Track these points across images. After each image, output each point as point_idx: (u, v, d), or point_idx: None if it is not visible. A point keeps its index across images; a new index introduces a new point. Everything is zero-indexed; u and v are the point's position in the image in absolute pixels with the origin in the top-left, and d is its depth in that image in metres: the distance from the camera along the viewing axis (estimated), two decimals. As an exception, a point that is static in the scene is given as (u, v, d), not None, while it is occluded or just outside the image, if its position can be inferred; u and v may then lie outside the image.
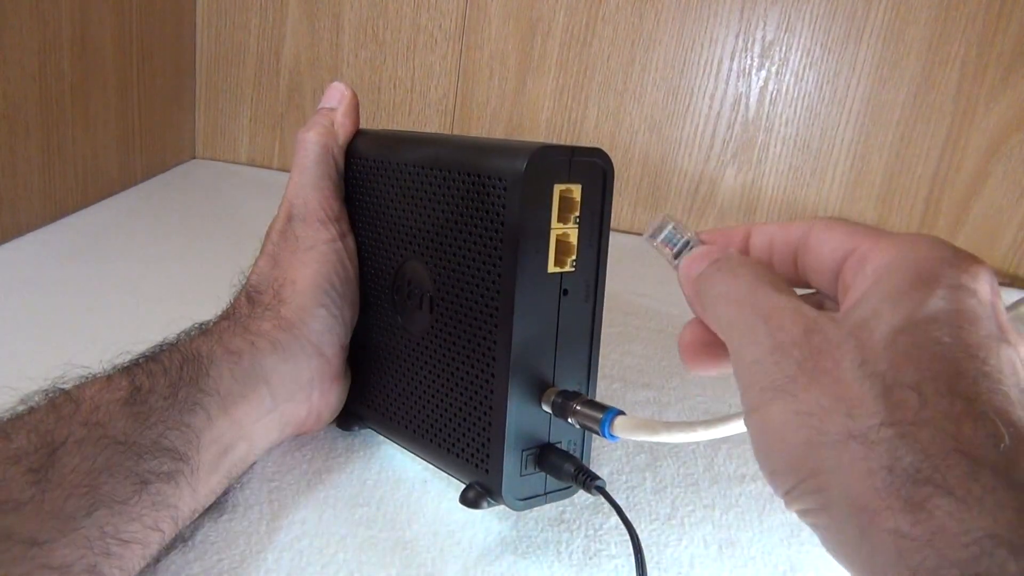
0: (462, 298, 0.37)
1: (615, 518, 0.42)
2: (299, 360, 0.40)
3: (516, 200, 0.33)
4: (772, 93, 0.89)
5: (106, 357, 0.37)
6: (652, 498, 0.44)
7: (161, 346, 0.38)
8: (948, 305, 0.23)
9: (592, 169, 0.35)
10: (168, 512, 0.33)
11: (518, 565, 0.38)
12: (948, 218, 0.91)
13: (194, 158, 0.98)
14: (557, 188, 0.34)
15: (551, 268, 0.35)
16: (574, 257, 0.35)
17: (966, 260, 0.24)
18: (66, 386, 0.34)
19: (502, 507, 0.38)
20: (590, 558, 0.39)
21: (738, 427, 0.34)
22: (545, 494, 0.38)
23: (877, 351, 0.23)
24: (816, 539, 0.44)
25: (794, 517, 0.45)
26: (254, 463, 0.41)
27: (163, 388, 0.34)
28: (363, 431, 0.46)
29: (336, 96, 0.45)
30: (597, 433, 0.35)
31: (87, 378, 0.35)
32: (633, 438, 0.34)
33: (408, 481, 0.43)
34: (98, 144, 0.77)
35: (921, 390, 0.22)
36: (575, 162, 0.35)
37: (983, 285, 0.24)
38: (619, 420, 0.34)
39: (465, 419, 0.38)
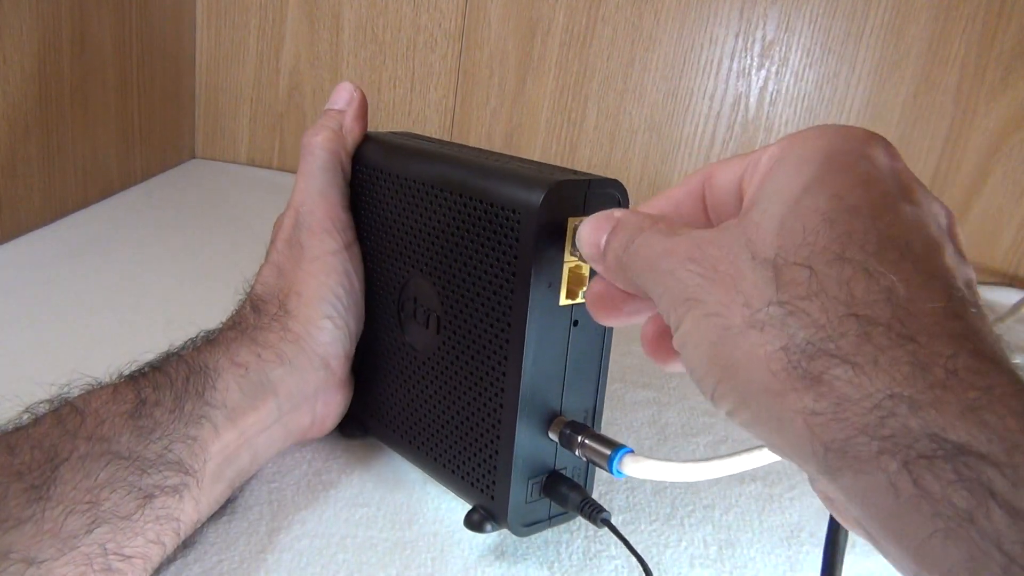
0: (471, 324, 0.37)
1: (615, 519, 0.42)
2: (305, 372, 0.40)
3: (530, 234, 0.33)
4: (772, 93, 0.89)
5: (107, 357, 0.36)
6: (652, 498, 0.44)
7: (167, 356, 0.37)
8: (834, 176, 0.23)
9: (607, 200, 0.35)
10: (171, 525, 0.33)
11: (518, 566, 0.38)
12: (948, 218, 0.91)
13: (194, 158, 0.98)
14: (572, 221, 0.34)
15: (563, 301, 0.35)
16: (586, 288, 0.35)
17: (853, 134, 0.24)
18: (73, 394, 0.34)
19: (502, 508, 0.38)
20: (590, 559, 0.39)
21: (748, 462, 0.34)
22: (549, 519, 0.39)
23: (767, 240, 0.22)
24: (815, 539, 0.44)
25: (794, 517, 0.45)
26: (256, 472, 0.41)
27: (169, 401, 0.34)
28: (363, 431, 0.46)
29: (344, 97, 0.44)
30: (604, 469, 0.35)
31: (93, 387, 0.34)
32: (641, 477, 0.34)
33: (408, 482, 0.43)
34: (98, 144, 0.77)
35: (811, 264, 0.21)
36: (590, 194, 0.34)
37: (874, 151, 0.23)
38: (627, 459, 0.34)
39: (471, 443, 0.38)
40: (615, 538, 0.38)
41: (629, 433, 0.51)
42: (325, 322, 0.41)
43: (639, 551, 0.38)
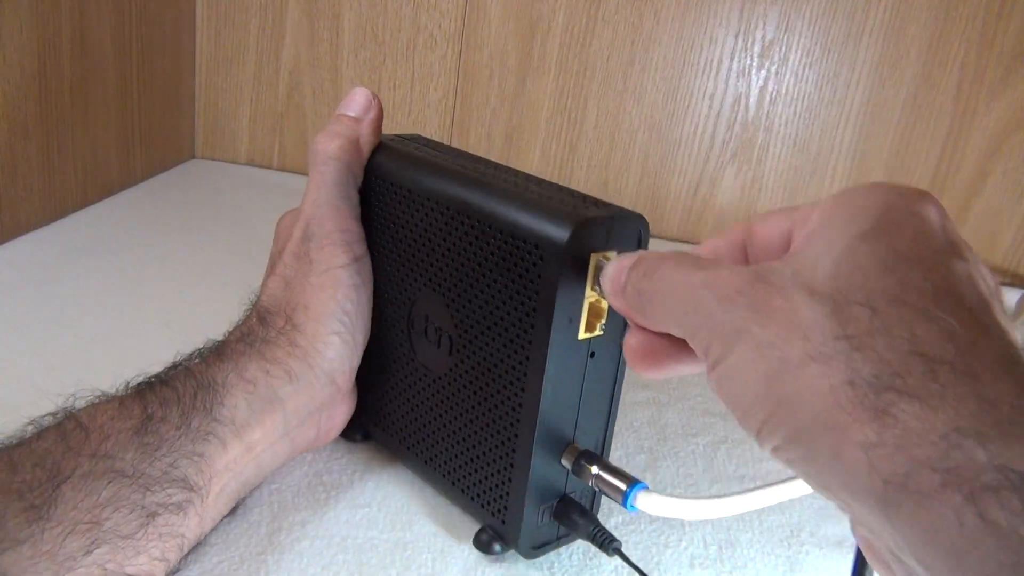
0: (488, 350, 0.37)
1: (615, 518, 0.42)
2: (312, 388, 0.39)
3: (554, 272, 0.33)
4: (772, 93, 0.89)
5: (107, 357, 0.36)
6: (652, 499, 0.44)
7: (175, 368, 0.37)
8: (889, 228, 0.23)
9: (629, 234, 0.35)
10: (175, 541, 0.33)
11: (518, 566, 0.38)
12: (948, 218, 0.91)
13: (194, 158, 0.98)
14: (595, 257, 0.33)
15: (582, 335, 0.35)
16: (604, 321, 0.35)
17: (907, 191, 0.24)
18: (79, 405, 0.33)
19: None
20: (590, 559, 0.39)
21: (763, 499, 0.34)
22: (556, 539, 0.39)
23: (824, 280, 0.23)
24: (815, 539, 0.44)
25: (794, 517, 0.45)
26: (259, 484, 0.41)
27: (176, 417, 0.34)
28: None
29: (362, 104, 0.42)
30: (617, 502, 0.35)
31: (99, 400, 0.34)
32: (655, 513, 0.34)
33: (408, 483, 0.43)
34: (98, 144, 0.77)
35: (871, 304, 0.22)
36: (614, 229, 0.34)
37: (927, 209, 0.24)
38: (642, 495, 0.35)
39: (483, 466, 0.38)
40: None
41: (629, 433, 0.51)
42: (332, 338, 0.40)
43: (639, 550, 0.38)
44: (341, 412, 0.43)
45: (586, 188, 0.95)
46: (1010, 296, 0.87)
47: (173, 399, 0.34)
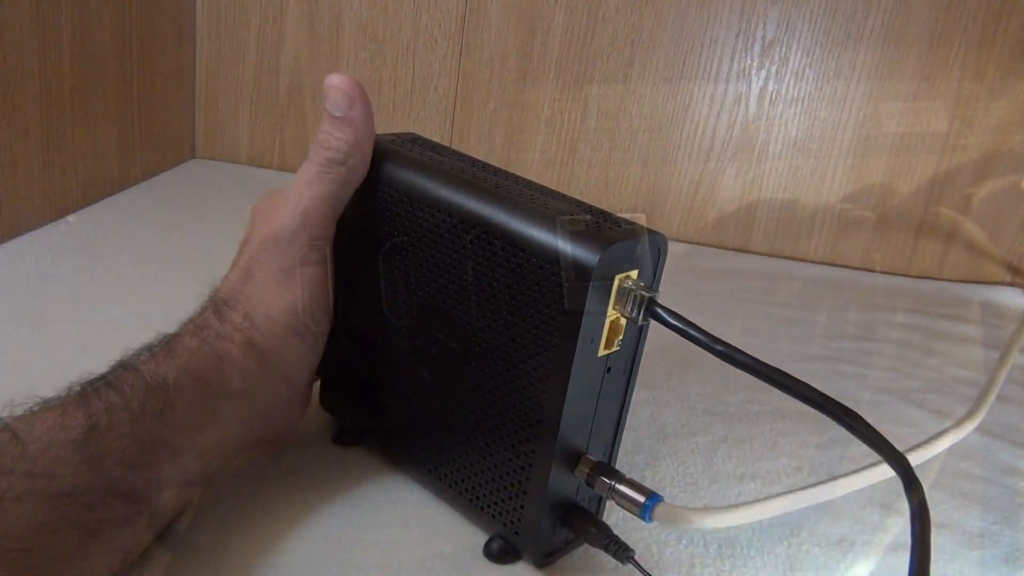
0: (506, 367, 0.36)
1: (616, 516, 0.42)
2: (267, 391, 0.38)
3: (580, 294, 0.33)
4: (772, 93, 0.89)
5: (106, 357, 0.36)
6: (652, 498, 0.44)
7: (123, 367, 0.34)
8: None
9: (650, 252, 0.35)
10: (118, 555, 0.31)
11: (518, 566, 0.38)
12: (948, 218, 0.91)
13: (194, 158, 0.98)
14: (618, 278, 0.34)
15: (601, 352, 0.35)
16: (621, 337, 0.35)
17: None
18: (17, 414, 0.31)
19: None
20: (591, 557, 0.39)
21: (777, 508, 0.34)
22: (565, 546, 0.39)
23: None
24: (815, 538, 0.44)
25: (794, 516, 0.45)
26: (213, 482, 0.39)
27: (123, 424, 0.31)
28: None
29: (343, 105, 0.38)
30: (634, 514, 0.36)
31: (40, 406, 0.31)
32: (673, 524, 0.35)
33: (404, 485, 0.43)
34: (98, 144, 0.77)
35: None
36: (637, 250, 0.34)
37: None
38: (660, 508, 0.35)
39: (495, 477, 0.38)
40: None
41: (628, 432, 0.51)
42: (294, 339, 0.38)
43: (639, 549, 0.38)
44: (295, 414, 0.41)
45: (586, 188, 0.95)
46: (1010, 296, 0.87)
47: (120, 404, 0.32)
